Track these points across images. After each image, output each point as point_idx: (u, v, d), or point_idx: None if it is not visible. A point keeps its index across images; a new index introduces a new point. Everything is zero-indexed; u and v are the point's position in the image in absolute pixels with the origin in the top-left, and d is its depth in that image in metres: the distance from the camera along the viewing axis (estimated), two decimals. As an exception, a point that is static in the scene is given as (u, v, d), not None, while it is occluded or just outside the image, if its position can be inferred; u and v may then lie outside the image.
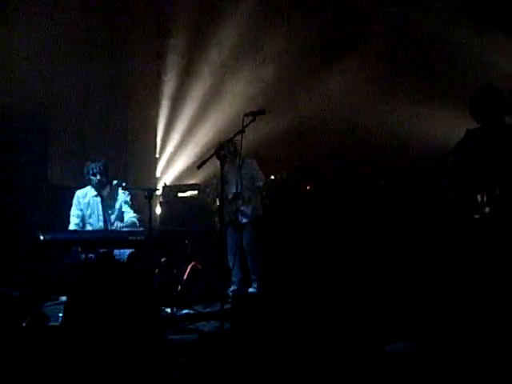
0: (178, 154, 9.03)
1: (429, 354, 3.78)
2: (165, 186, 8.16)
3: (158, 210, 7.90)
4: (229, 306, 4.67)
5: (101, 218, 5.87)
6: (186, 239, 5.82)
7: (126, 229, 5.73)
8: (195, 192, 8.00)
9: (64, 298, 6.20)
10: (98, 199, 5.89)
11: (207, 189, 7.81)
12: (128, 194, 5.98)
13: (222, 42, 8.57)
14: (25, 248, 6.06)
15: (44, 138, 7.09)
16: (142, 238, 5.28)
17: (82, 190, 5.96)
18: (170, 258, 5.98)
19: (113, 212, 5.92)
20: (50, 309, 5.59)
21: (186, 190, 8.05)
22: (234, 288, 6.46)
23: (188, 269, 6.23)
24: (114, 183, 5.73)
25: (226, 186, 6.17)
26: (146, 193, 5.28)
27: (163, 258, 6.06)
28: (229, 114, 8.13)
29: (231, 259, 6.40)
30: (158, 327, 2.94)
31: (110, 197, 5.93)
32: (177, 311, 5.57)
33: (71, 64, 7.48)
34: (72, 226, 5.84)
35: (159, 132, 9.08)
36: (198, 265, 6.29)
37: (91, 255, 5.35)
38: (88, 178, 5.84)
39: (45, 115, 7.12)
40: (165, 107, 9.01)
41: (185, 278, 6.17)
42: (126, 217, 5.92)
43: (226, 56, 8.60)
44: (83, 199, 5.91)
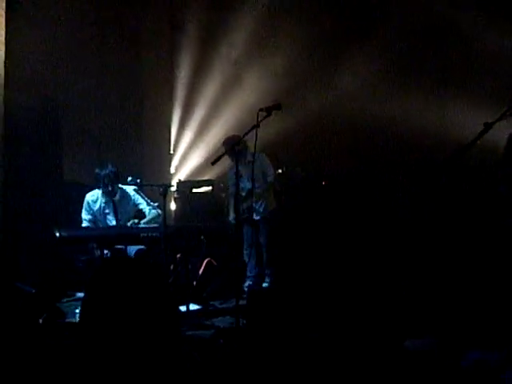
0: (192, 150, 9.02)
1: (446, 351, 3.74)
2: (179, 182, 8.17)
3: (173, 205, 7.91)
4: (244, 302, 4.67)
5: (114, 222, 5.85)
6: (200, 235, 5.80)
7: (145, 225, 5.72)
8: (209, 188, 8.00)
9: (80, 295, 6.25)
10: (110, 205, 5.87)
11: (221, 184, 7.81)
12: (139, 191, 5.93)
13: (235, 36, 8.53)
14: (41, 245, 6.08)
15: (58, 135, 7.09)
16: (157, 234, 5.28)
17: (93, 193, 5.92)
18: (185, 254, 5.97)
19: (126, 213, 5.90)
20: (67, 305, 5.63)
21: (201, 186, 8.05)
22: (250, 283, 6.46)
23: (203, 265, 6.22)
24: (128, 180, 5.72)
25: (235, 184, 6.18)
26: (160, 189, 5.27)
27: (178, 254, 6.06)
28: (243, 108, 8.10)
29: (247, 254, 6.42)
30: (175, 323, 2.93)
31: (122, 198, 5.91)
32: (191, 307, 5.55)
33: (84, 61, 7.47)
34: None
35: (173, 128, 9.08)
36: (213, 261, 6.28)
37: (106, 252, 5.37)
38: (99, 184, 5.79)
39: (58, 112, 7.12)
40: (179, 103, 9.00)
41: (200, 273, 6.17)
42: (146, 212, 5.91)
43: (240, 50, 8.56)
44: (94, 204, 5.89)
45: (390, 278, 5.07)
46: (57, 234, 5.03)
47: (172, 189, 7.96)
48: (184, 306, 5.46)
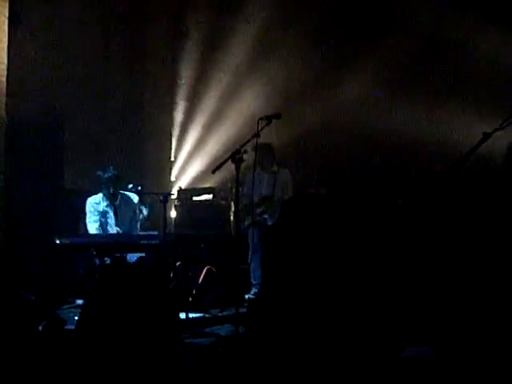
0: (193, 158, 9.04)
1: (444, 360, 3.74)
2: (180, 190, 8.18)
3: (173, 213, 7.92)
4: (244, 310, 4.66)
5: (114, 228, 5.87)
6: (200, 243, 5.81)
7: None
8: (210, 196, 8.02)
9: (80, 302, 6.26)
10: (111, 208, 5.89)
11: (222, 192, 7.82)
12: (138, 201, 5.95)
13: (236, 46, 8.57)
14: (41, 252, 6.10)
15: (59, 142, 7.12)
16: (157, 241, 5.29)
17: (94, 197, 5.94)
18: (185, 262, 5.98)
19: (126, 219, 5.92)
20: (67, 312, 5.62)
21: (201, 194, 8.06)
22: (255, 291, 6.44)
23: (203, 273, 6.22)
24: (129, 187, 5.74)
25: (252, 189, 6.24)
26: (161, 197, 5.29)
27: (178, 262, 6.07)
28: (244, 117, 8.13)
29: (254, 259, 6.39)
30: (176, 330, 2.93)
31: (123, 203, 5.93)
32: (191, 315, 5.56)
33: (86, 68, 7.52)
34: (93, 233, 5.83)
35: (174, 135, 9.11)
36: (213, 268, 6.29)
37: (106, 259, 5.38)
38: (101, 187, 5.82)
39: (60, 120, 7.16)
40: (180, 110, 9.03)
41: (200, 281, 6.17)
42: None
43: (241, 59, 8.59)
44: (97, 206, 5.91)
45: (389, 286, 5.07)
46: (57, 241, 5.04)
47: (172, 196, 7.98)
48: (183, 314, 5.47)
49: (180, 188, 8.30)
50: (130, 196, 5.96)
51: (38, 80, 6.69)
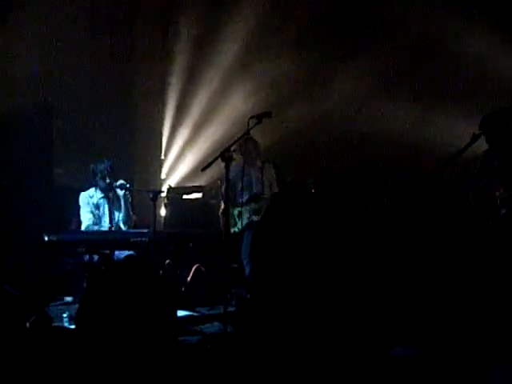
0: (184, 156, 9.02)
1: (433, 359, 3.76)
2: (170, 188, 8.16)
3: (163, 211, 7.90)
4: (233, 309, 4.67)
5: (107, 220, 5.85)
6: (189, 241, 5.81)
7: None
8: (200, 194, 8.01)
9: (68, 299, 6.25)
10: (105, 201, 5.87)
11: (212, 191, 7.81)
12: (128, 194, 5.92)
13: (227, 44, 8.56)
14: (29, 248, 6.06)
15: (48, 139, 7.08)
16: (146, 239, 5.27)
17: (87, 191, 5.90)
18: (174, 260, 5.97)
19: (119, 213, 5.90)
20: (54, 309, 5.61)
21: (191, 192, 8.06)
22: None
23: (192, 271, 6.22)
24: (119, 184, 5.72)
25: (242, 186, 6.23)
26: (150, 194, 5.27)
27: (167, 260, 6.06)
28: (235, 116, 8.13)
29: (247, 264, 6.30)
30: (173, 329, 2.92)
31: (115, 198, 5.91)
32: (179, 313, 5.55)
33: (77, 65, 7.48)
34: (87, 224, 5.75)
35: (165, 133, 9.08)
36: (202, 267, 6.28)
37: (95, 256, 5.35)
38: (96, 179, 5.81)
39: (49, 116, 7.12)
40: (171, 109, 9.01)
41: (188, 280, 6.17)
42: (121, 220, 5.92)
43: (232, 58, 8.59)
44: (91, 199, 5.87)
45: (378, 285, 5.10)
46: (45, 238, 5.01)
47: (162, 194, 7.97)
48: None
49: (170, 186, 8.28)
50: (118, 192, 5.93)
51: (27, 76, 6.64)
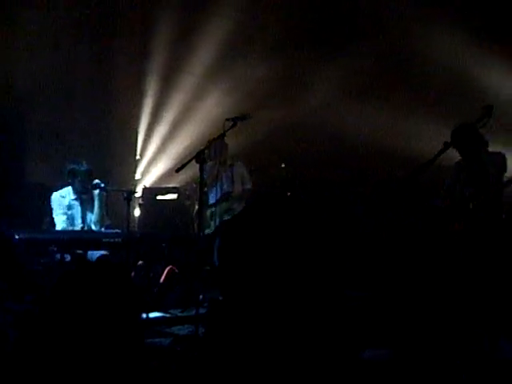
0: (159, 157, 8.96)
1: (405, 362, 3.79)
2: (144, 188, 8.11)
3: (137, 212, 7.84)
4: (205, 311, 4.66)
5: (79, 222, 5.80)
6: (162, 242, 5.78)
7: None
8: (175, 195, 7.97)
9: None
10: (78, 202, 5.81)
11: (187, 192, 7.78)
12: (105, 196, 5.90)
13: (206, 45, 8.54)
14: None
15: (21, 133, 6.99)
16: (119, 240, 5.23)
17: (60, 191, 5.83)
18: (147, 261, 5.93)
19: (91, 214, 5.85)
20: (24, 310, 5.51)
21: (166, 193, 8.01)
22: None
23: (165, 272, 6.18)
24: (94, 183, 5.68)
25: (214, 186, 6.26)
26: (124, 194, 5.24)
27: (140, 261, 6.01)
28: (211, 117, 8.10)
29: None
30: (138, 331, 2.89)
31: (89, 199, 5.86)
32: (151, 315, 5.52)
33: (52, 60, 7.39)
34: (60, 226, 5.73)
35: (141, 133, 9.00)
36: (175, 268, 6.25)
37: (67, 256, 5.29)
38: (73, 181, 5.73)
39: (22, 110, 7.02)
40: (147, 108, 8.93)
41: (161, 281, 6.13)
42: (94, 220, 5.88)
43: (210, 59, 8.57)
44: (63, 199, 5.81)
45: (348, 288, 5.13)
46: (16, 237, 4.94)
47: (137, 195, 7.91)
48: (144, 314, 5.42)
49: (145, 186, 8.23)
50: (94, 192, 5.87)
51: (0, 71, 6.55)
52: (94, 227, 5.77)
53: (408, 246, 5.63)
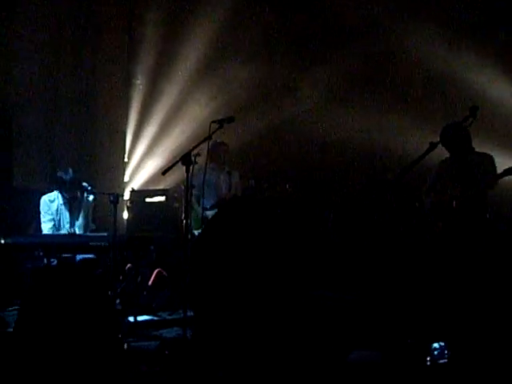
0: (148, 159, 8.95)
1: (389, 363, 3.81)
2: (132, 191, 8.07)
3: (126, 214, 7.82)
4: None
5: (67, 226, 5.81)
6: (150, 245, 5.77)
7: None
8: (163, 198, 7.94)
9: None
10: (66, 207, 5.84)
11: (175, 194, 7.77)
12: (93, 200, 5.91)
13: (192, 48, 8.54)
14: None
15: (7, 137, 6.95)
16: (106, 243, 5.21)
17: (49, 195, 5.87)
18: (136, 265, 5.91)
19: (79, 218, 5.85)
20: (11, 314, 5.49)
21: (154, 196, 7.98)
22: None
23: (153, 275, 6.17)
24: (81, 185, 5.68)
25: (212, 190, 6.26)
26: (111, 197, 5.22)
27: (128, 265, 5.99)
28: (199, 120, 8.11)
29: None
30: (115, 334, 2.90)
31: (77, 203, 5.87)
32: (140, 318, 5.51)
33: (38, 64, 7.37)
34: (46, 232, 5.76)
35: (128, 136, 8.98)
36: (164, 271, 6.24)
37: (53, 260, 5.27)
38: (61, 188, 5.76)
39: (8, 114, 6.98)
40: (135, 111, 8.91)
41: (150, 284, 6.12)
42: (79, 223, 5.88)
43: (196, 62, 8.57)
44: (51, 204, 5.83)
45: (337, 290, 5.14)
46: (1, 241, 4.92)
47: (125, 197, 7.89)
48: (132, 317, 5.41)
49: (133, 189, 8.20)
50: (84, 195, 5.88)
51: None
52: (77, 231, 5.77)
53: (395, 247, 5.65)
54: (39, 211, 5.84)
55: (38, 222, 5.88)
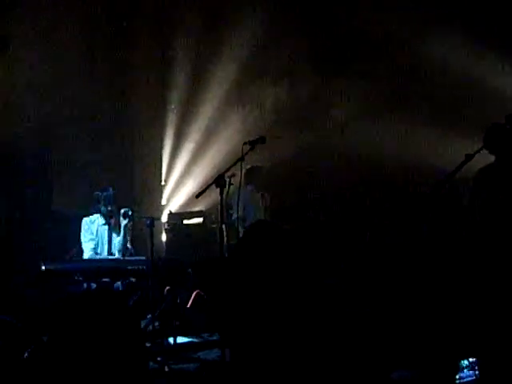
0: (184, 181, 9.03)
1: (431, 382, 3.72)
2: (170, 214, 8.16)
3: (164, 237, 7.89)
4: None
5: (106, 248, 5.90)
6: (188, 268, 5.81)
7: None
8: (200, 219, 8.00)
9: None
10: (106, 227, 5.93)
11: (213, 216, 7.81)
12: (128, 222, 5.98)
13: (225, 70, 8.62)
14: (28, 277, 6.06)
15: (47, 165, 7.12)
16: (144, 267, 5.26)
17: (91, 217, 5.99)
18: (174, 287, 5.95)
19: (118, 241, 5.93)
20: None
21: (192, 217, 8.05)
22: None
23: (192, 297, 6.19)
24: (122, 212, 5.78)
25: (251, 212, 6.32)
26: (147, 221, 5.29)
27: (167, 287, 6.03)
28: (233, 140, 8.14)
29: None
30: (141, 357, 2.91)
31: (116, 225, 5.96)
32: (179, 340, 5.53)
33: (73, 92, 7.53)
34: (88, 252, 5.87)
35: (165, 159, 9.10)
36: (202, 293, 6.25)
37: (93, 284, 5.35)
38: (98, 206, 5.89)
39: (48, 142, 7.16)
40: (170, 134, 9.03)
41: (188, 306, 6.14)
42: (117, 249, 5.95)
43: (230, 84, 8.65)
44: (92, 224, 5.95)
45: (374, 308, 5.05)
46: (42, 267, 5.03)
47: (163, 220, 7.98)
48: (172, 339, 5.43)
49: (170, 212, 8.28)
50: (123, 221, 5.97)
51: (26, 102, 6.71)
52: (116, 254, 5.84)
53: (433, 263, 5.53)
54: (77, 234, 5.94)
55: (79, 246, 5.99)
